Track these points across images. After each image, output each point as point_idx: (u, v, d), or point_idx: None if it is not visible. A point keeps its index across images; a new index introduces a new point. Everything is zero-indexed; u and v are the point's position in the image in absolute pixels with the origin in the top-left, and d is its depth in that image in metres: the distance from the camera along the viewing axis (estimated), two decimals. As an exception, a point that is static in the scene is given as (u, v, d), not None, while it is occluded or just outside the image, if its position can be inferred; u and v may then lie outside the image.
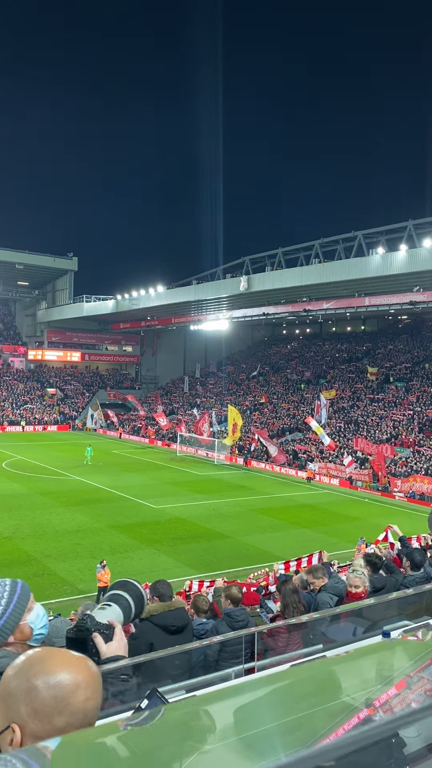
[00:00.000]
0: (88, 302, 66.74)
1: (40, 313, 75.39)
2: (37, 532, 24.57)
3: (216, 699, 1.62)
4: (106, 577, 17.49)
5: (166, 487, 35.26)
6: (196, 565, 21.01)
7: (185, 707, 1.58)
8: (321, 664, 1.91)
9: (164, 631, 4.58)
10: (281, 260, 47.10)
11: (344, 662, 1.98)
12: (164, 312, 63.60)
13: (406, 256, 36.00)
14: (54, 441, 55.51)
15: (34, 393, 69.65)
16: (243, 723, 1.40)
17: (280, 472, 42.74)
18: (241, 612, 5.47)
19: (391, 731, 1.37)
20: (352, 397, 52.74)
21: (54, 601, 16.99)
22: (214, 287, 52.44)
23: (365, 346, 63.50)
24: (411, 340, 59.76)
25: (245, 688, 1.75)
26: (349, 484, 38.05)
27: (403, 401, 48.02)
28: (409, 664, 1.86)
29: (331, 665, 1.91)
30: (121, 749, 1.30)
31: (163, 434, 56.87)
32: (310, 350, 69.02)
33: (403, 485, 35.43)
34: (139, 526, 26.18)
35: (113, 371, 79.50)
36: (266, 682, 1.69)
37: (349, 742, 1.14)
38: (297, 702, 1.53)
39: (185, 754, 1.27)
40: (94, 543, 23.31)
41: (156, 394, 73.74)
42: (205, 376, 74.17)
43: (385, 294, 44.46)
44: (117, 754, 1.28)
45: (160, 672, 3.47)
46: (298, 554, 21.48)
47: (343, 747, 1.13)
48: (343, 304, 48.69)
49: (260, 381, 65.40)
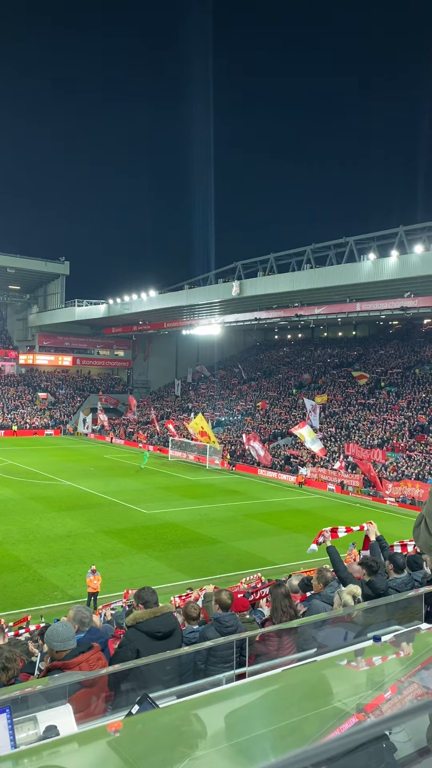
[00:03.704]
0: (79, 306, 66.60)
1: (32, 318, 75.12)
2: (28, 537, 24.42)
3: (205, 703, 1.62)
4: (96, 583, 17.40)
5: (157, 492, 35.16)
6: (188, 570, 20.95)
7: (176, 712, 1.58)
8: (309, 669, 1.91)
9: (151, 637, 4.57)
10: (273, 265, 47.24)
11: (332, 666, 1.98)
12: (156, 317, 63.56)
13: (397, 262, 36.22)
14: (45, 446, 55.25)
15: (25, 397, 69.33)
16: (234, 728, 1.40)
17: (271, 477, 42.75)
18: (231, 617, 5.45)
19: (378, 733, 1.37)
20: (343, 402, 52.88)
21: (44, 607, 16.90)
22: (206, 292, 52.50)
23: (356, 351, 63.73)
24: (402, 345, 60.05)
25: (235, 692, 1.75)
26: (341, 489, 38.14)
27: (393, 406, 48.21)
28: (400, 669, 1.87)
29: (319, 669, 1.91)
30: (112, 756, 1.29)
31: (156, 440, 56.76)
32: (302, 355, 69.18)
33: (394, 490, 35.56)
34: (130, 531, 26.08)
35: (105, 376, 79.31)
36: (256, 687, 1.69)
37: (337, 745, 1.15)
38: (288, 707, 1.53)
39: (176, 760, 1.27)
40: (84, 548, 23.19)
41: (148, 398, 73.62)
42: (197, 380, 74.13)
43: (376, 300, 44.68)
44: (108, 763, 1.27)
45: (150, 678, 3.46)
46: (289, 560, 21.54)
47: (332, 749, 1.13)
48: (334, 310, 48.87)
49: (251, 386, 65.45)
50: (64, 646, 3.78)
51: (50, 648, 3.84)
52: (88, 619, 4.74)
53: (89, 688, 3.10)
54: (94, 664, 3.75)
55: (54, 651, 3.81)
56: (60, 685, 2.77)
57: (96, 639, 4.33)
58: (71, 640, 3.86)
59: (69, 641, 3.83)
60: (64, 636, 3.83)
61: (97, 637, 4.46)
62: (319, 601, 5.99)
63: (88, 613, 4.84)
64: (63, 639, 3.81)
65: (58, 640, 3.81)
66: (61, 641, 3.81)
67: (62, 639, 3.81)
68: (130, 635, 4.68)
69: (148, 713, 1.66)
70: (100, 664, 3.84)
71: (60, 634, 3.84)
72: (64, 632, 3.87)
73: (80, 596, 17.54)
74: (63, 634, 3.84)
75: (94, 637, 4.45)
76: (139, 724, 1.47)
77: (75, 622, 4.65)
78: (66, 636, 3.84)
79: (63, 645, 3.79)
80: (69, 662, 3.67)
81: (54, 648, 3.80)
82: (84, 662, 3.70)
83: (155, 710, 1.76)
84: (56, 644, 3.80)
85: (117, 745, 1.35)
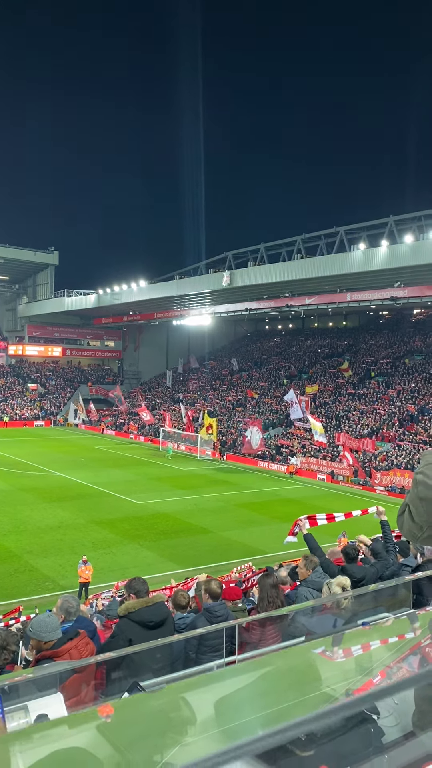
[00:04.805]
0: (69, 297, 66.15)
1: (21, 308, 74.57)
2: (19, 528, 24.39)
3: (194, 686, 1.63)
4: (87, 573, 17.42)
5: (148, 483, 35.20)
6: (179, 559, 21.02)
7: (165, 696, 1.59)
8: (298, 652, 1.93)
9: (143, 627, 4.59)
10: (264, 255, 47.12)
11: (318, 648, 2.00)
12: (147, 307, 63.30)
13: (387, 251, 36.24)
14: (36, 437, 55.06)
15: (15, 388, 68.96)
16: (224, 715, 1.40)
17: (262, 467, 42.90)
18: (221, 607, 5.47)
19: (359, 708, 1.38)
20: (333, 392, 53.06)
21: (36, 598, 16.91)
22: (196, 282, 52.32)
23: (347, 341, 63.89)
24: (392, 335, 60.26)
25: (224, 676, 1.76)
26: (331, 478, 38.38)
27: (383, 396, 48.44)
28: (389, 654, 1.89)
29: (307, 651, 1.92)
30: (102, 743, 1.29)
31: (146, 431, 56.73)
32: (293, 346, 69.25)
33: (384, 479, 35.83)
34: (122, 521, 26.11)
35: (95, 366, 79.00)
36: (244, 671, 1.70)
37: (317, 718, 1.15)
38: (277, 693, 1.54)
39: (167, 746, 1.27)
40: (75, 539, 23.20)
41: (138, 389, 73.48)
42: (188, 371, 74.05)
43: (366, 290, 44.74)
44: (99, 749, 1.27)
45: (141, 666, 3.48)
46: (280, 549, 21.56)
47: (311, 722, 1.14)
48: (325, 300, 48.89)
49: (242, 376, 65.47)
50: (51, 636, 3.84)
51: (37, 639, 3.88)
52: (74, 609, 4.78)
53: (80, 673, 3.13)
54: (82, 650, 3.81)
55: (42, 642, 3.84)
56: (50, 674, 2.78)
57: (83, 627, 4.37)
58: (57, 630, 3.92)
59: (56, 631, 3.89)
60: (51, 626, 3.89)
61: (85, 626, 4.50)
62: (304, 588, 6.03)
63: (74, 603, 4.88)
64: (50, 629, 3.87)
65: (47, 631, 3.85)
66: (48, 631, 3.86)
67: (50, 629, 3.87)
68: (123, 625, 4.70)
69: (137, 696, 1.67)
70: (89, 649, 3.91)
71: (47, 625, 3.90)
72: (51, 622, 3.93)
73: (72, 586, 17.57)
74: (50, 624, 3.90)
75: (82, 625, 4.48)
76: (128, 707, 1.48)
77: (62, 611, 4.70)
78: (53, 626, 3.90)
79: (50, 635, 3.85)
80: (58, 650, 3.72)
81: (42, 639, 3.85)
82: (73, 649, 3.76)
83: (144, 694, 1.77)
84: (44, 635, 3.85)
85: (107, 731, 1.35)
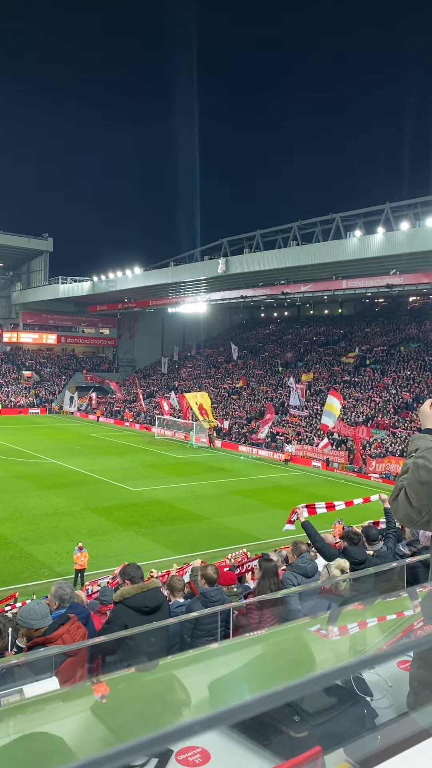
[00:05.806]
0: (63, 284, 65.78)
1: (15, 295, 74.13)
2: (14, 515, 24.43)
3: (187, 663, 1.63)
4: (83, 560, 17.51)
5: (144, 470, 35.26)
6: (175, 546, 21.12)
7: (160, 672, 1.59)
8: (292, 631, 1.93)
9: (138, 612, 4.61)
10: (259, 242, 46.91)
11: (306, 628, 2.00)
12: (142, 294, 63.04)
13: (383, 239, 36.13)
14: (31, 424, 55.02)
15: (9, 376, 68.76)
16: (218, 696, 1.41)
17: (257, 455, 43.03)
18: (217, 591, 5.51)
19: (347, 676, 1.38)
20: (329, 380, 53.11)
21: (32, 584, 16.98)
22: (191, 269, 52.08)
23: (342, 329, 63.86)
24: (387, 323, 60.24)
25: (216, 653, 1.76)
26: (326, 466, 38.54)
27: (378, 384, 48.54)
28: (383, 636, 1.90)
29: (300, 630, 1.93)
30: (97, 725, 1.29)
31: (142, 419, 56.75)
32: (288, 333, 69.18)
33: (378, 466, 36.00)
34: (117, 508, 26.18)
35: (90, 354, 78.79)
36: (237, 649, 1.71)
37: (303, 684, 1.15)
38: (272, 674, 1.54)
39: (162, 728, 1.27)
40: (71, 526, 23.26)
41: (134, 377, 73.36)
42: (184, 359, 73.96)
43: (362, 277, 44.65)
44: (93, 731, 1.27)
45: (137, 651, 3.50)
46: (274, 535, 21.70)
47: (297, 689, 1.14)
48: (320, 287, 48.77)
49: (238, 364, 65.44)
50: (41, 624, 3.89)
51: (27, 627, 3.92)
52: (68, 595, 4.81)
53: (74, 657, 3.16)
54: (74, 634, 3.85)
55: (32, 630, 3.88)
56: (45, 656, 2.79)
57: (76, 613, 4.40)
58: (47, 616, 3.97)
59: (45, 618, 3.94)
60: (41, 613, 3.94)
61: (78, 612, 4.53)
62: (289, 572, 6.10)
63: (68, 589, 4.90)
64: (40, 617, 3.92)
65: (36, 618, 3.90)
66: (38, 619, 3.90)
67: (39, 617, 3.92)
68: (118, 611, 4.72)
69: (131, 674, 1.67)
70: (81, 633, 3.95)
71: (36, 612, 3.94)
72: (40, 609, 3.98)
73: (67, 573, 17.65)
74: (39, 611, 3.95)
75: (75, 611, 4.51)
76: (122, 683, 1.48)
77: (55, 598, 4.73)
78: (42, 613, 3.96)
79: (40, 622, 3.90)
80: (50, 636, 3.76)
81: (32, 626, 3.89)
82: (65, 633, 3.80)
83: (136, 672, 1.76)
84: (35, 622, 3.90)
85: (101, 713, 1.35)
